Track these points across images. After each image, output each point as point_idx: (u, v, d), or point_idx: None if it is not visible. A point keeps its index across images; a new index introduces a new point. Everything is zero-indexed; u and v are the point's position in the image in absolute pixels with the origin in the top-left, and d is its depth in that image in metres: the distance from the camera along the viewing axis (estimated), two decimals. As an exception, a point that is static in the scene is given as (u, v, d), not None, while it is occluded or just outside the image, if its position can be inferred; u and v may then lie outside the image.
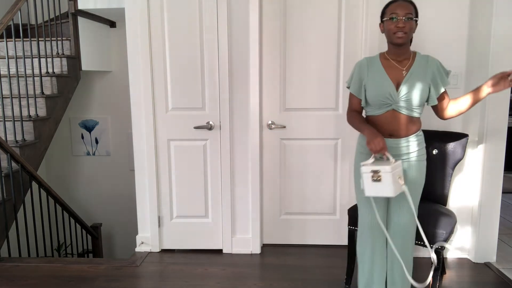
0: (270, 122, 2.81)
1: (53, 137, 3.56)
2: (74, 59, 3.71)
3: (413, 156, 1.95)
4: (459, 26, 2.56)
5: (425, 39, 2.57)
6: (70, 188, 4.49)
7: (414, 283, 1.78)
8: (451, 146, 2.34)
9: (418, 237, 2.06)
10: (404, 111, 1.89)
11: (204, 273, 2.57)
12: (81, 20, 3.73)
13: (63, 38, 3.67)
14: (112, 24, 4.18)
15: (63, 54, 3.62)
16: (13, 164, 2.96)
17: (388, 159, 1.83)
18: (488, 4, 2.45)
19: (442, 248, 2.04)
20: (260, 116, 2.74)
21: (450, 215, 2.22)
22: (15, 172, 2.99)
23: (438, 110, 2.00)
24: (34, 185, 3.74)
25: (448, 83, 1.93)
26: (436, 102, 1.92)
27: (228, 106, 2.69)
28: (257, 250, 2.84)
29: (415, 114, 1.92)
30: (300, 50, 2.71)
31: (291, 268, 2.62)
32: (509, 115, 3.60)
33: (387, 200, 1.99)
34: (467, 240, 2.72)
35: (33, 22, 4.05)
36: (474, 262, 2.65)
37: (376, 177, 1.78)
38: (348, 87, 2.07)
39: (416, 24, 1.88)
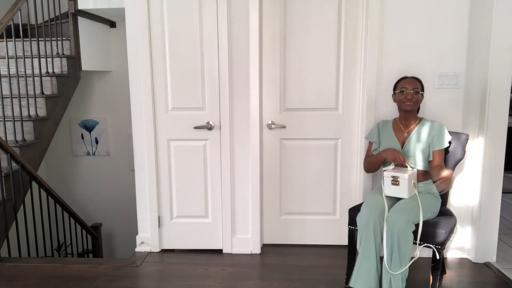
0: (270, 122, 2.81)
1: (53, 137, 3.56)
2: (74, 59, 3.71)
3: (423, 191, 2.25)
4: (459, 26, 2.56)
5: (425, 39, 2.57)
6: (70, 188, 4.49)
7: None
8: (451, 146, 2.34)
9: (420, 238, 2.07)
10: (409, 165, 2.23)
11: (204, 273, 2.57)
12: (81, 20, 3.73)
13: (63, 38, 3.68)
14: (112, 24, 4.18)
15: (63, 54, 3.62)
16: (13, 164, 2.96)
17: (407, 167, 2.19)
18: (488, 3, 2.45)
19: (442, 247, 2.04)
20: (260, 116, 2.74)
21: (450, 215, 2.22)
22: (15, 172, 2.99)
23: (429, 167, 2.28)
24: (34, 185, 3.74)
25: (441, 147, 2.23)
26: (431, 159, 2.26)
27: (228, 106, 2.69)
28: (257, 250, 2.85)
29: (419, 167, 2.26)
30: (300, 50, 2.72)
31: (291, 268, 2.62)
32: (509, 115, 3.60)
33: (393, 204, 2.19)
34: (467, 240, 2.72)
35: (33, 22, 4.05)
36: (474, 262, 2.65)
37: (395, 181, 2.13)
38: (367, 139, 2.48)
39: (422, 96, 2.30)
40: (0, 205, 2.85)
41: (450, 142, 2.34)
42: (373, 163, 2.37)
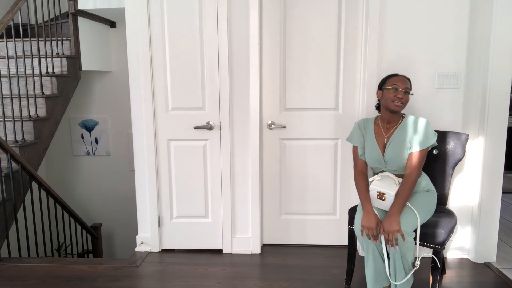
0: (270, 122, 2.81)
1: (53, 137, 3.56)
2: (74, 59, 3.71)
3: (419, 190, 2.18)
4: (459, 26, 2.56)
5: (425, 39, 2.57)
6: (70, 188, 4.49)
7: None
8: (451, 146, 2.34)
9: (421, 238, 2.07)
10: (393, 172, 2.14)
11: (204, 273, 2.57)
12: (81, 20, 3.73)
13: (63, 38, 3.68)
14: (112, 24, 4.18)
15: (63, 54, 3.62)
16: (13, 164, 2.96)
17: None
18: (488, 4, 2.45)
19: (442, 247, 2.04)
20: (260, 116, 2.74)
21: (450, 215, 2.22)
22: (15, 172, 2.99)
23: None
24: (34, 185, 3.74)
25: (419, 148, 2.07)
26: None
27: (228, 106, 2.69)
28: (257, 250, 2.85)
29: (403, 172, 2.12)
30: (300, 50, 2.72)
31: (291, 268, 2.62)
32: (509, 115, 3.60)
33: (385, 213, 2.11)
34: (467, 240, 2.72)
35: (33, 22, 4.05)
36: (474, 262, 2.65)
37: (381, 196, 2.05)
38: (349, 141, 2.31)
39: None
40: (0, 205, 2.85)
41: (435, 148, 2.30)
42: (358, 196, 2.21)
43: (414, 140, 2.08)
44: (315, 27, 2.68)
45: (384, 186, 2.06)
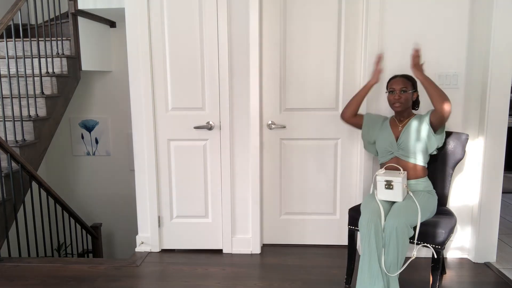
0: (270, 122, 2.81)
1: (53, 137, 3.56)
2: (74, 59, 3.71)
3: (420, 189, 2.25)
4: (459, 26, 2.56)
5: (425, 39, 2.57)
6: (70, 188, 4.49)
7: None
8: (451, 146, 2.34)
9: (419, 238, 2.07)
10: (403, 158, 2.26)
11: (204, 273, 2.57)
12: (81, 20, 3.73)
13: (63, 38, 3.68)
14: (112, 24, 4.18)
15: (63, 54, 3.62)
16: (13, 164, 2.96)
17: (399, 169, 2.21)
18: (488, 3, 2.45)
19: (442, 247, 2.04)
20: (260, 116, 2.74)
21: (450, 215, 2.22)
22: (15, 172, 2.99)
23: (434, 113, 2.21)
24: (34, 185, 3.74)
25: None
26: (434, 149, 2.25)
27: (228, 106, 2.69)
28: (257, 250, 2.85)
29: (412, 161, 2.25)
30: (300, 50, 2.72)
31: (291, 268, 2.62)
32: (509, 115, 3.60)
33: (389, 207, 2.17)
34: (467, 240, 2.72)
35: (33, 22, 4.05)
36: (474, 262, 2.65)
37: (388, 185, 2.12)
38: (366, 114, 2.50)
39: (413, 94, 2.30)
40: (0, 205, 2.85)
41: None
42: (355, 99, 2.43)
43: (427, 114, 2.22)
44: (315, 27, 2.68)
45: (390, 174, 2.15)
